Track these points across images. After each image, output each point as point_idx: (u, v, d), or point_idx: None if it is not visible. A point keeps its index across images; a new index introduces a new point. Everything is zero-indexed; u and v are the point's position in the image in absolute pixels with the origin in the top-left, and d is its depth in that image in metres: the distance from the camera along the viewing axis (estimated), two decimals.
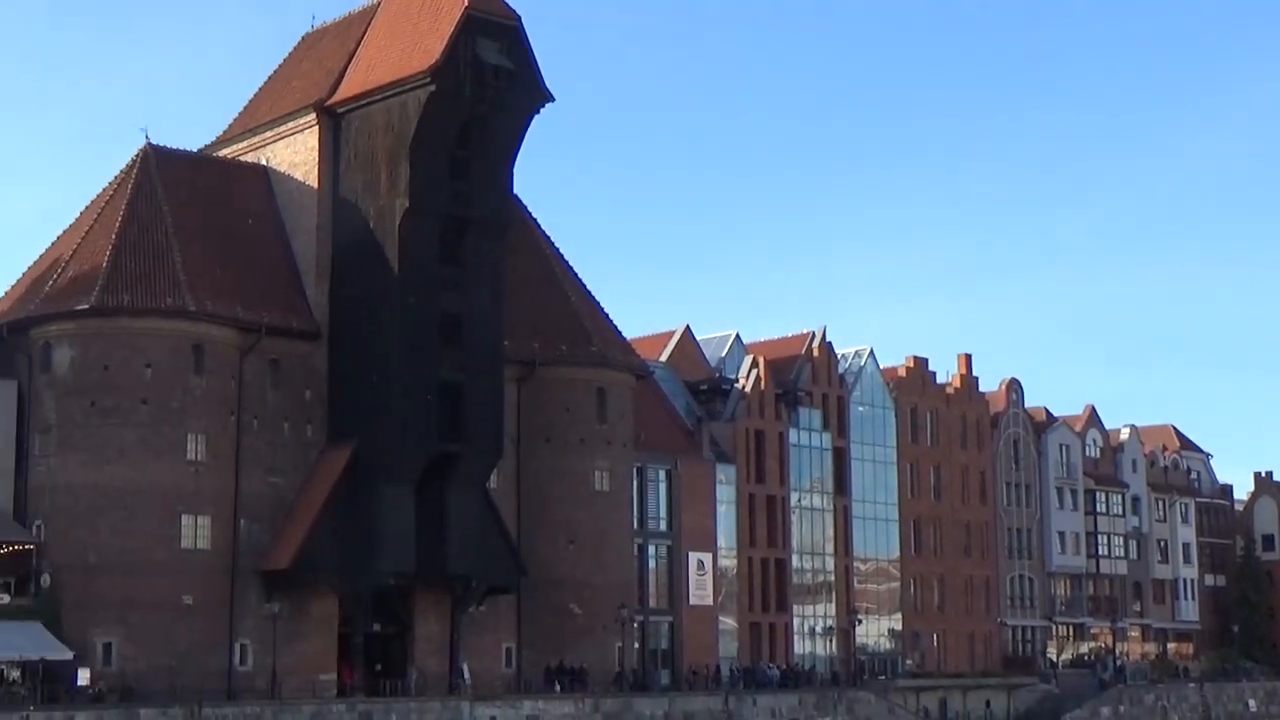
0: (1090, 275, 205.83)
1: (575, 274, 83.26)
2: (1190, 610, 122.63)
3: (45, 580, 65.28)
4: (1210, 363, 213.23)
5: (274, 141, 76.68)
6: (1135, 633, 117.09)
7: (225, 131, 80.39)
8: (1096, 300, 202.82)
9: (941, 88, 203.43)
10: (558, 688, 74.34)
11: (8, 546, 66.21)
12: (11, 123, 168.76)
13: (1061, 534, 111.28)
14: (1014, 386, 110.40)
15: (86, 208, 73.60)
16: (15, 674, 62.84)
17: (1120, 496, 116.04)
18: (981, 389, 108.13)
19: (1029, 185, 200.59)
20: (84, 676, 62.74)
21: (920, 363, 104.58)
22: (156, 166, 72.85)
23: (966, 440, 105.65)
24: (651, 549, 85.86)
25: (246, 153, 78.00)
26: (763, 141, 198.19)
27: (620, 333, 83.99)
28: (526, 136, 73.66)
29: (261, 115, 78.62)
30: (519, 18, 72.27)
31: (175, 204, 71.61)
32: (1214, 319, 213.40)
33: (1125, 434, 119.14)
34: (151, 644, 65.20)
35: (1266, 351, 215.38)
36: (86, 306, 67.13)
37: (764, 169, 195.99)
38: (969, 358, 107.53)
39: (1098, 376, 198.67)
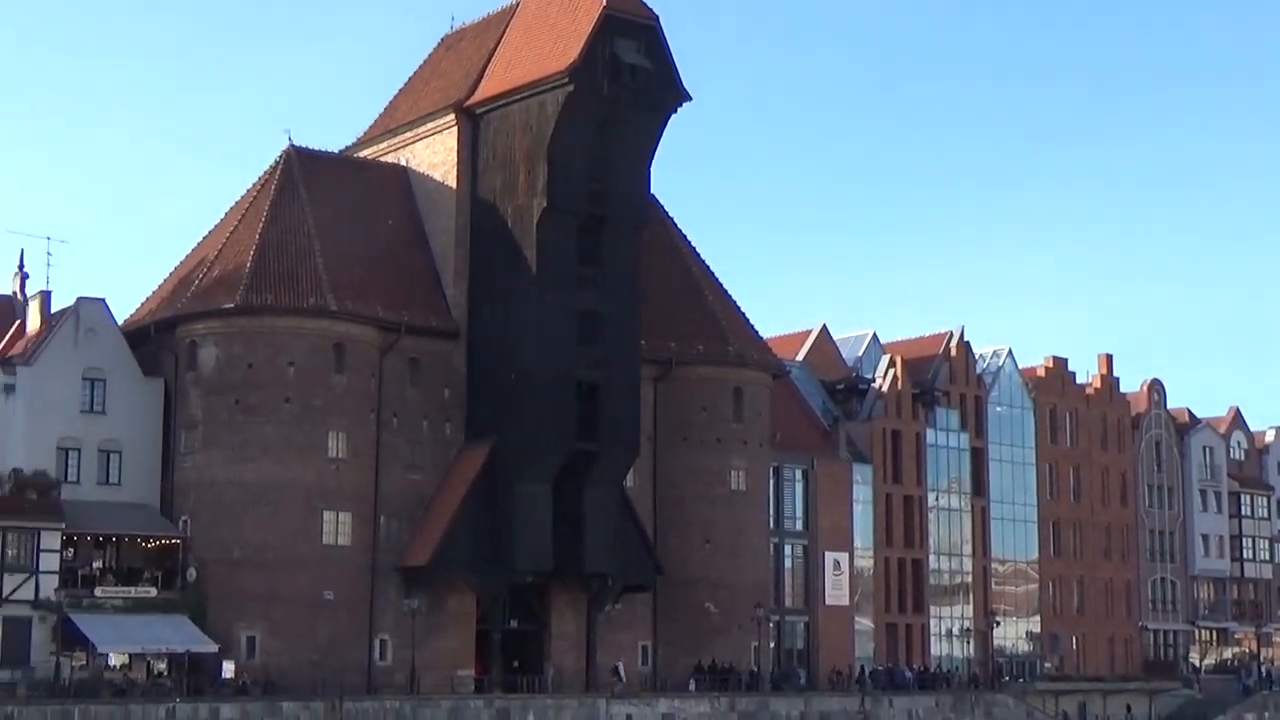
0: (1234, 275, 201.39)
1: (712, 273, 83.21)
2: None
3: (191, 574, 66.33)
4: None
5: (413, 142, 77.29)
6: None
7: (365, 133, 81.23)
8: (1240, 300, 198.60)
9: (1081, 87, 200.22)
10: (692, 686, 74.54)
11: (155, 541, 67.41)
12: (159, 128, 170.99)
13: (1205, 537, 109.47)
14: (1156, 387, 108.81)
15: (231, 209, 74.50)
16: (162, 666, 64.06)
17: (1266, 499, 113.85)
18: (1122, 390, 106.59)
19: (1171, 184, 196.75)
20: (228, 669, 63.88)
21: (1060, 363, 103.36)
22: (299, 168, 73.66)
23: (1107, 441, 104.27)
24: (787, 548, 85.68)
25: (386, 153, 78.67)
26: (899, 142, 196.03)
27: (757, 332, 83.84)
28: (664, 136, 73.82)
29: (401, 116, 79.31)
30: (657, 17, 72.31)
31: (317, 205, 72.25)
32: None
33: (1270, 436, 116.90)
34: (294, 638, 66.09)
35: None
36: (231, 306, 68.00)
37: (900, 168, 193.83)
38: (1110, 358, 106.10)
39: (1242, 377, 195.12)
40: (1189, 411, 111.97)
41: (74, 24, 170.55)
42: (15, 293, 73.53)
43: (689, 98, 73.14)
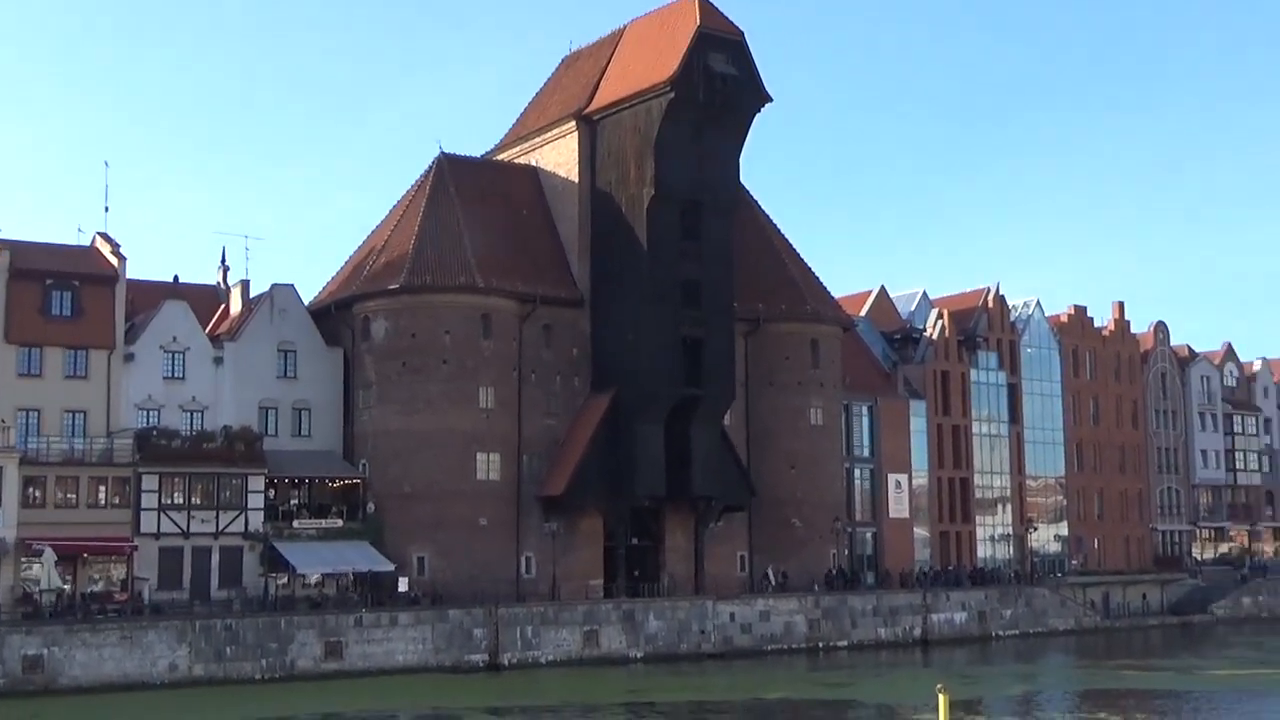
0: (1226, 229, 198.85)
1: (791, 244, 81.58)
2: None
3: (370, 508, 66.02)
4: None
5: (541, 146, 76.24)
6: (1269, 534, 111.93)
7: (502, 140, 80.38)
8: (1231, 250, 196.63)
9: (1094, 70, 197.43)
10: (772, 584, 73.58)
11: (340, 481, 67.03)
12: (330, 143, 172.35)
13: (1204, 452, 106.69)
14: (1161, 328, 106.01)
15: (394, 208, 74.05)
16: (349, 583, 63.61)
17: (1255, 419, 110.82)
18: (1133, 330, 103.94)
19: (1169, 153, 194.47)
20: (403, 584, 63.68)
21: (1080, 310, 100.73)
22: (448, 171, 73.12)
23: (1120, 375, 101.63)
24: (858, 472, 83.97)
25: (519, 156, 77.69)
26: (939, 128, 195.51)
27: (829, 292, 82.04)
28: (751, 131, 72.30)
29: (530, 125, 78.27)
30: (743, 33, 71.12)
31: (464, 200, 71.77)
32: None
33: (1258, 365, 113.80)
34: (455, 558, 65.69)
35: None
36: (397, 286, 67.72)
37: (945, 152, 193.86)
38: (1122, 305, 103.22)
39: (1234, 316, 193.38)
40: (1189, 347, 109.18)
41: (249, 58, 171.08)
42: (219, 282, 73.45)
43: (771, 99, 71.76)
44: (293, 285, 69.11)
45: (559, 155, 74.82)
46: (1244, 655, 70.71)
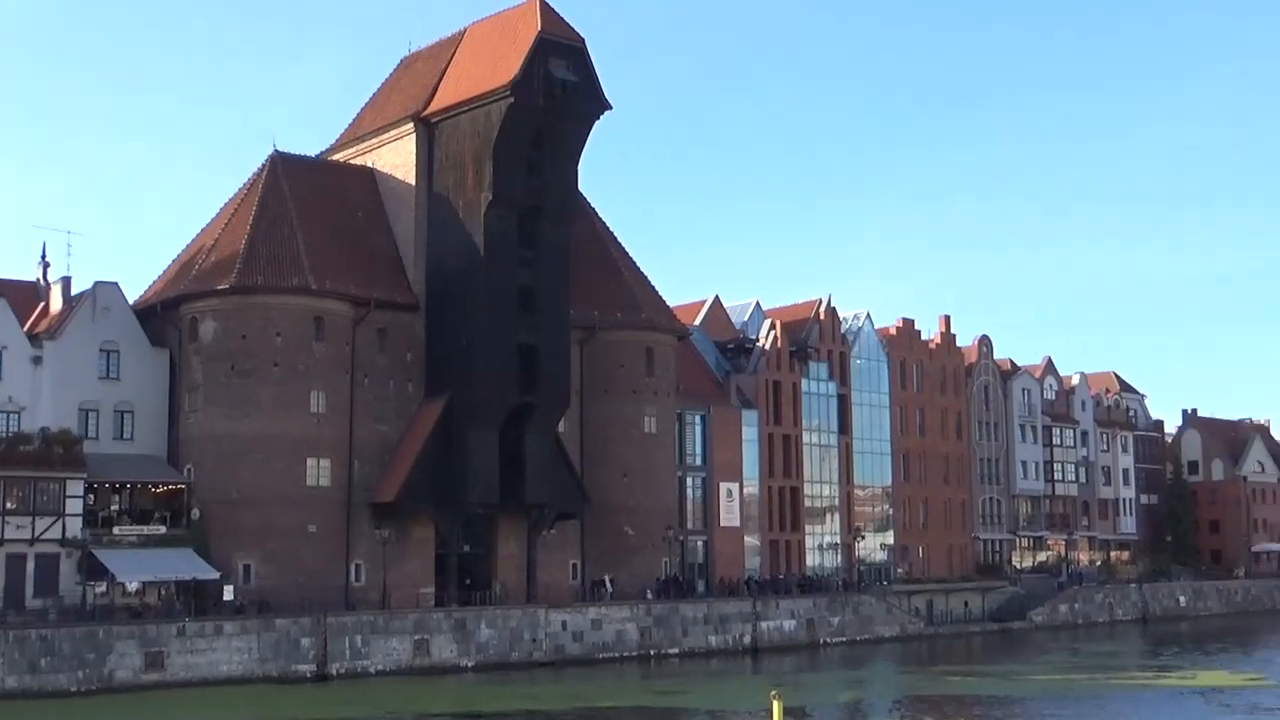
0: (1046, 247, 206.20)
1: (628, 253, 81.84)
2: (1129, 524, 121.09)
3: (195, 514, 64.45)
4: (1145, 318, 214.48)
5: (378, 147, 75.28)
6: (1084, 543, 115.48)
7: (337, 140, 79.25)
8: (1051, 267, 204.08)
9: (921, 90, 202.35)
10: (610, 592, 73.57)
11: (164, 486, 65.36)
12: (155, 139, 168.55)
13: (1024, 463, 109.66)
14: (985, 342, 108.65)
15: (225, 205, 72.51)
16: (171, 591, 61.91)
17: (1072, 431, 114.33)
18: (959, 344, 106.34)
19: (997, 171, 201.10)
20: (229, 592, 62.16)
21: (908, 323, 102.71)
22: (282, 169, 71.72)
23: (946, 387, 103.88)
24: (690, 480, 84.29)
25: (355, 157, 76.62)
26: (777, 144, 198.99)
27: (664, 301, 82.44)
28: (589, 138, 72.11)
29: (367, 126, 77.24)
30: (584, 40, 70.93)
31: (298, 200, 70.53)
32: (1148, 281, 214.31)
33: (1076, 380, 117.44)
34: (284, 565, 64.43)
35: (1192, 309, 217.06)
36: (227, 286, 66.25)
37: (784, 164, 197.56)
38: (948, 318, 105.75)
39: (1053, 332, 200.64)
40: (1011, 361, 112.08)
41: (78, 37, 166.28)
42: (39, 279, 71.02)
43: (610, 107, 71.70)
44: (117, 283, 67.36)
45: (396, 157, 73.92)
46: (1061, 660, 72.71)
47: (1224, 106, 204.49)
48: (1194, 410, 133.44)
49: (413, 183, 72.44)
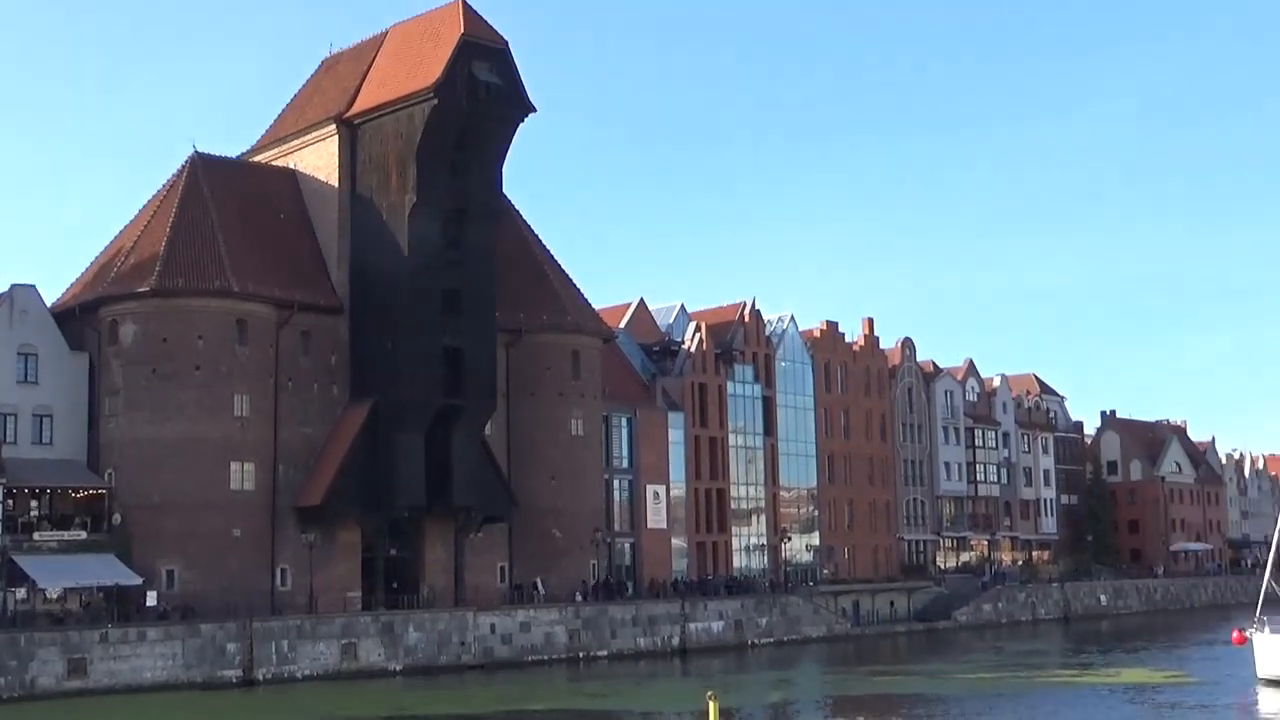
0: (969, 251, 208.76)
1: (553, 256, 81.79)
2: (1050, 524, 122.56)
3: (117, 519, 63.77)
4: (1065, 322, 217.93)
5: (300, 149, 74.71)
6: (1007, 543, 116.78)
7: (258, 141, 78.50)
8: (974, 270, 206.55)
9: (844, 97, 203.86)
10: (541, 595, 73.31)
11: (84, 491, 64.51)
12: (69, 138, 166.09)
13: (948, 464, 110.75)
14: (908, 344, 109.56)
15: (144, 206, 71.68)
16: (93, 597, 61.05)
17: (994, 433, 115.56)
18: (882, 346, 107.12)
19: (921, 170, 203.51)
20: (152, 598, 61.65)
21: (832, 325, 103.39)
22: (202, 170, 71.04)
23: (870, 389, 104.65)
24: (617, 483, 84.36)
25: (277, 158, 75.98)
26: (701, 148, 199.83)
27: (590, 304, 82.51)
28: (514, 141, 72.00)
29: (289, 127, 76.63)
30: (507, 43, 70.83)
31: (219, 202, 69.90)
32: (1067, 286, 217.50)
33: (997, 382, 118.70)
34: (207, 570, 63.82)
35: (1110, 312, 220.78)
36: (148, 289, 65.60)
37: (705, 168, 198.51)
38: (871, 321, 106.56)
39: (975, 334, 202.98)
40: (934, 363, 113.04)
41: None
42: None
43: (534, 109, 71.63)
44: (34, 286, 66.55)
45: (318, 159, 73.40)
46: (985, 659, 73.33)
47: (1126, 111, 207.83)
48: (1113, 411, 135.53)
49: (335, 185, 71.97)
